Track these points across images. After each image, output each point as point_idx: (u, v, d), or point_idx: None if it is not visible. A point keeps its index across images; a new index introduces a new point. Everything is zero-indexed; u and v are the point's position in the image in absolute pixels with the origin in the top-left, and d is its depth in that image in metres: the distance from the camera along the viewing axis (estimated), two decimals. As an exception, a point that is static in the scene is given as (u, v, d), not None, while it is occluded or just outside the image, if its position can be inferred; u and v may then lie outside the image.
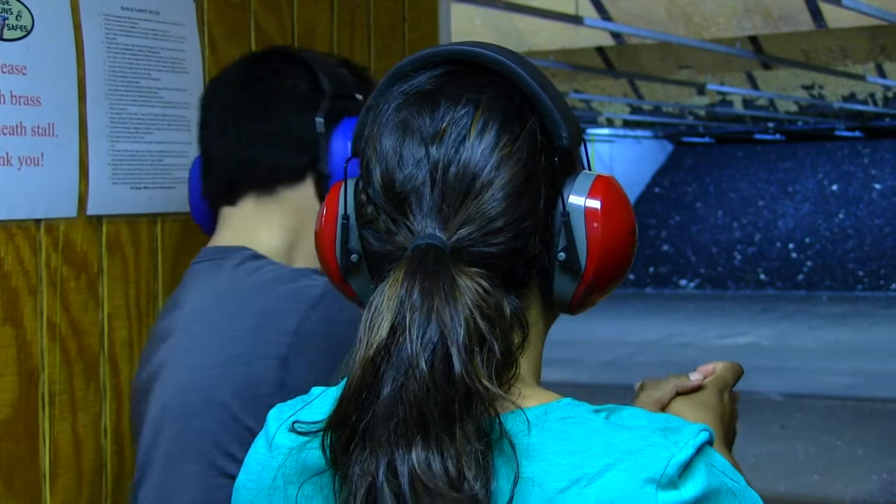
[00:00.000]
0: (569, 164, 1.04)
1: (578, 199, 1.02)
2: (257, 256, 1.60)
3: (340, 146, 1.62)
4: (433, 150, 0.99)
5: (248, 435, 1.43)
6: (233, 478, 1.12)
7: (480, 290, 0.94)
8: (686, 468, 0.92)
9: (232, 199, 1.67)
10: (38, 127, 1.74)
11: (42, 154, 1.75)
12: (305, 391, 1.09)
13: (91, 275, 1.82)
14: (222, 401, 1.47)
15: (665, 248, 21.10)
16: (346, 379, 0.94)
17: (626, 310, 17.03)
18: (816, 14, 8.22)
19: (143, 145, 1.90)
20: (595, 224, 1.01)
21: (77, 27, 1.79)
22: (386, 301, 0.93)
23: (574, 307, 1.05)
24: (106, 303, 1.84)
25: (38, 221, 1.75)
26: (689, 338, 13.90)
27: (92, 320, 1.82)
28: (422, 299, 0.92)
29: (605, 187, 1.03)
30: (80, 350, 1.80)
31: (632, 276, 20.60)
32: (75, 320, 1.79)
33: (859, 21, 8.23)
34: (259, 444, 1.08)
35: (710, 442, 0.96)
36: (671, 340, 13.77)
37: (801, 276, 19.72)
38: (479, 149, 0.99)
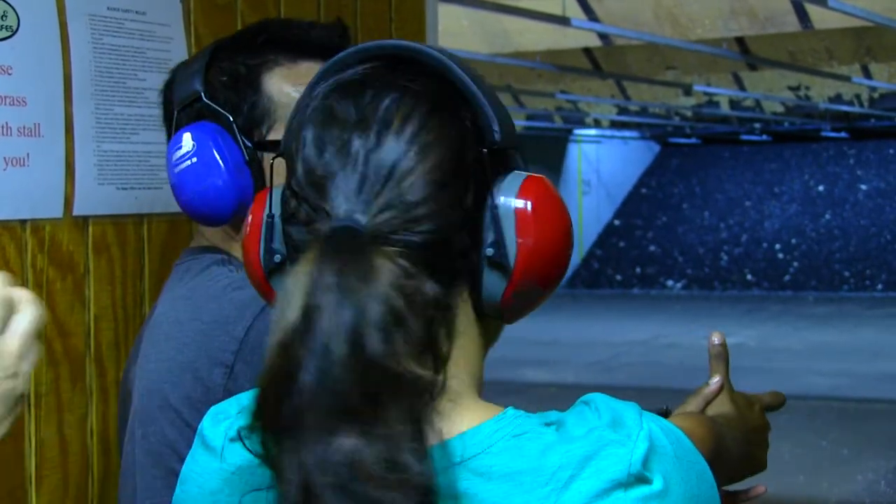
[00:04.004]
0: (501, 162, 1.01)
1: (508, 197, 0.99)
2: (224, 262, 1.59)
3: None
4: (355, 136, 0.96)
5: None
6: None
7: (399, 271, 0.91)
8: (646, 461, 0.92)
9: None
10: (24, 127, 1.74)
11: (28, 154, 1.74)
12: None
13: (77, 276, 1.82)
14: (176, 407, 1.48)
15: (652, 248, 21.13)
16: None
17: (612, 310, 17.05)
18: (802, 15, 8.24)
19: (129, 146, 1.90)
20: (525, 222, 0.98)
21: (63, 27, 1.79)
22: (297, 283, 0.90)
23: (504, 310, 1.01)
24: (92, 304, 1.84)
25: (23, 222, 1.75)
26: (675, 338, 13.91)
27: (78, 321, 1.82)
28: (335, 279, 0.88)
29: (536, 187, 1.00)
30: (66, 351, 1.80)
31: (618, 277, 20.63)
32: (61, 321, 1.79)
33: (845, 22, 8.26)
34: (198, 453, 1.06)
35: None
36: (657, 341, 13.78)
37: (787, 277, 19.77)
38: (403, 135, 0.96)
